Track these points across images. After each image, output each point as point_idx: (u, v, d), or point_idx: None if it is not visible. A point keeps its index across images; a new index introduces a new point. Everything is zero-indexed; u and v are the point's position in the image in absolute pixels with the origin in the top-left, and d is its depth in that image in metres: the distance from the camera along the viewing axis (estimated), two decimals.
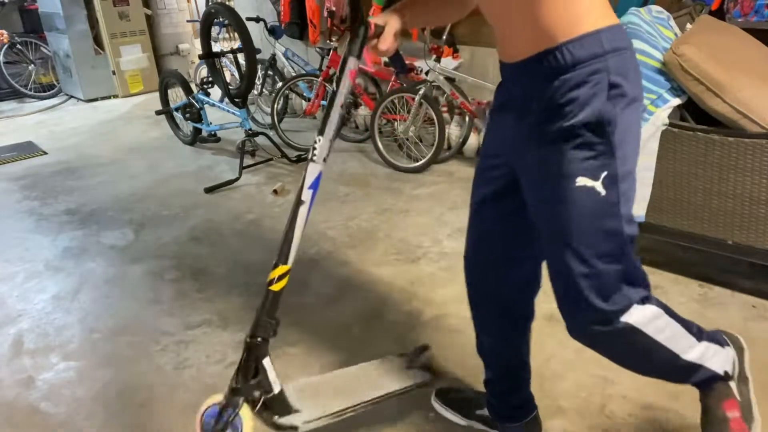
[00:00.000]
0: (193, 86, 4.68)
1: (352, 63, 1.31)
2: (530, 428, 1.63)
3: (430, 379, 1.70)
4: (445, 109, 3.93)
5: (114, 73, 6.45)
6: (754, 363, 1.90)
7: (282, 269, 1.38)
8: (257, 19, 4.63)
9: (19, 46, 6.53)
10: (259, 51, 4.05)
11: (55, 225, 3.33)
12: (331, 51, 4.17)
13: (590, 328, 1.19)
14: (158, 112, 4.74)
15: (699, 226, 2.20)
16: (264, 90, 4.97)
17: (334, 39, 4.20)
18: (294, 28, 4.92)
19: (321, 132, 1.34)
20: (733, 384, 1.34)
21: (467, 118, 3.82)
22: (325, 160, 1.35)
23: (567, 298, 1.20)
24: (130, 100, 6.41)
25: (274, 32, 4.67)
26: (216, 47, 4.22)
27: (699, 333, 1.30)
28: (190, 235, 3.10)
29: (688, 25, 2.42)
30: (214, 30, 4.93)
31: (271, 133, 4.25)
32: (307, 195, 1.37)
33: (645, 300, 1.20)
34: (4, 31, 6.32)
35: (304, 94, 4.75)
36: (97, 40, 6.41)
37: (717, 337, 1.36)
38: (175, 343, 2.21)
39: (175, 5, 6.81)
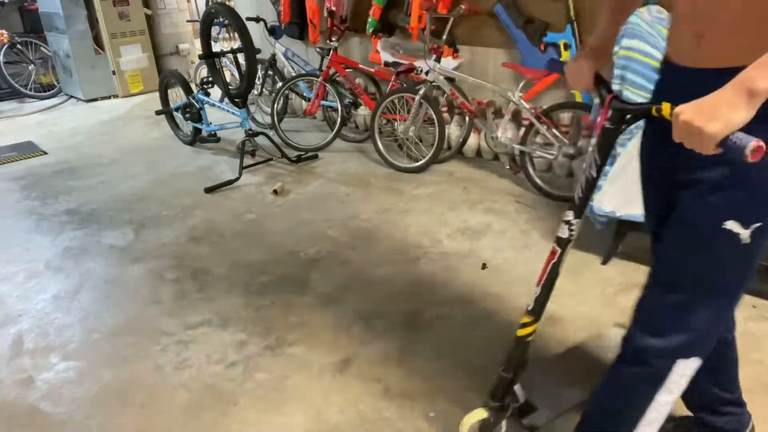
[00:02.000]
0: (193, 86, 4.68)
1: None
2: None
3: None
4: (445, 109, 3.93)
5: (114, 73, 6.45)
6: (755, 363, 1.91)
7: (533, 327, 1.47)
8: (257, 19, 4.63)
9: (19, 46, 6.52)
10: (259, 51, 4.05)
11: (55, 225, 3.33)
12: (331, 51, 4.17)
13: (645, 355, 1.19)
14: (158, 112, 4.74)
15: None
16: (264, 90, 4.97)
17: (334, 39, 4.20)
18: (294, 28, 4.92)
19: (578, 215, 1.32)
20: None
21: (467, 118, 3.82)
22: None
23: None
24: (130, 100, 6.41)
25: (274, 32, 4.67)
26: (216, 47, 4.22)
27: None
28: (190, 235, 3.10)
29: None
30: (214, 30, 4.93)
31: (271, 133, 4.25)
32: (562, 267, 1.41)
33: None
34: (4, 31, 6.31)
35: (304, 94, 4.75)
36: (97, 40, 6.41)
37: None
38: (175, 343, 2.21)
39: (175, 5, 6.81)
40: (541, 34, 3.41)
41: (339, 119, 4.24)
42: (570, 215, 1.32)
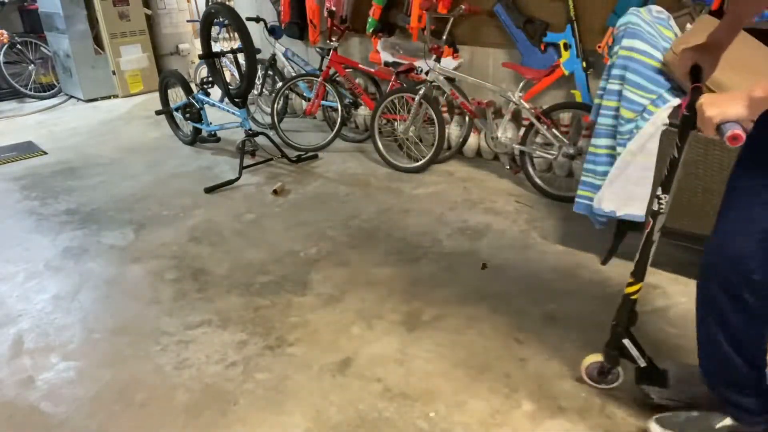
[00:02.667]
0: (193, 86, 4.68)
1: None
2: None
3: None
4: (445, 109, 3.93)
5: (114, 73, 6.45)
6: None
7: (638, 286, 1.68)
8: (257, 19, 4.63)
9: (19, 46, 6.52)
10: (259, 51, 4.04)
11: (55, 225, 3.33)
12: (331, 51, 4.17)
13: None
14: (158, 112, 4.73)
15: (699, 226, 2.20)
16: (264, 90, 4.96)
17: (334, 39, 4.20)
18: (294, 28, 4.92)
19: (666, 190, 1.55)
20: None
21: (467, 118, 3.82)
22: None
23: None
24: (130, 100, 6.41)
25: (274, 32, 4.67)
26: (216, 47, 4.21)
27: None
28: (190, 235, 3.10)
29: (688, 25, 2.42)
30: (214, 30, 4.93)
31: (271, 133, 4.25)
32: (656, 235, 1.62)
33: None
34: (4, 31, 6.31)
35: (304, 94, 4.75)
36: (97, 40, 6.41)
37: None
38: (175, 343, 2.21)
39: (175, 5, 6.80)
40: (541, 34, 3.41)
41: (339, 119, 4.24)
42: (659, 191, 1.55)
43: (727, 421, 1.50)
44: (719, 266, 1.36)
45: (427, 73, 3.65)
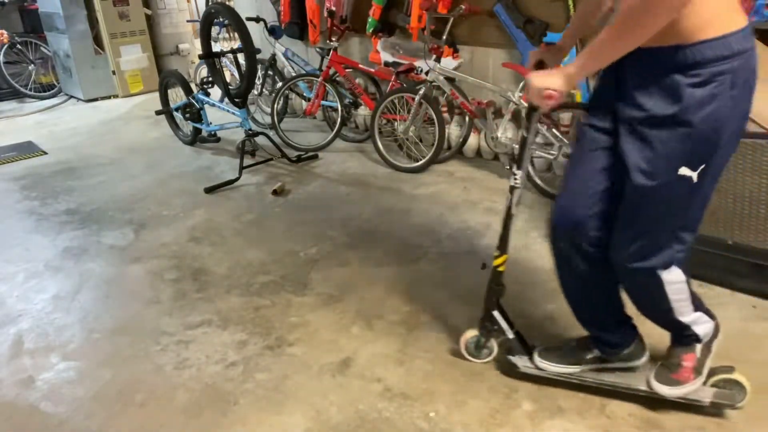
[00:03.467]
0: (193, 86, 4.68)
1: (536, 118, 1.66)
2: (637, 350, 1.78)
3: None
4: (445, 109, 3.93)
5: (114, 73, 6.45)
6: (755, 363, 1.90)
7: (503, 258, 1.83)
8: (257, 19, 4.63)
9: (19, 46, 6.52)
10: (259, 51, 4.04)
11: (55, 225, 3.33)
12: (331, 51, 4.17)
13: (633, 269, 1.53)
14: (158, 112, 4.74)
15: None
16: (264, 90, 4.97)
17: (334, 39, 4.20)
18: (294, 28, 4.92)
19: (519, 166, 1.70)
20: (699, 346, 1.69)
21: (467, 118, 3.82)
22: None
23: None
24: (130, 100, 6.41)
25: (274, 32, 4.67)
26: (216, 47, 4.22)
27: (698, 304, 1.65)
28: (190, 235, 3.10)
29: None
30: (214, 30, 4.93)
31: (271, 133, 4.25)
32: (515, 209, 1.76)
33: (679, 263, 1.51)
34: (4, 31, 6.31)
35: (304, 94, 4.75)
36: (97, 40, 6.41)
37: (708, 312, 1.70)
38: (175, 343, 2.21)
39: (175, 5, 6.80)
40: (541, 34, 3.41)
41: (339, 119, 4.24)
42: (514, 168, 1.72)
43: (596, 352, 1.80)
44: (565, 229, 1.61)
45: (427, 73, 3.65)
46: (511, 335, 1.87)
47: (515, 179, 1.71)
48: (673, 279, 1.52)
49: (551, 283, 2.45)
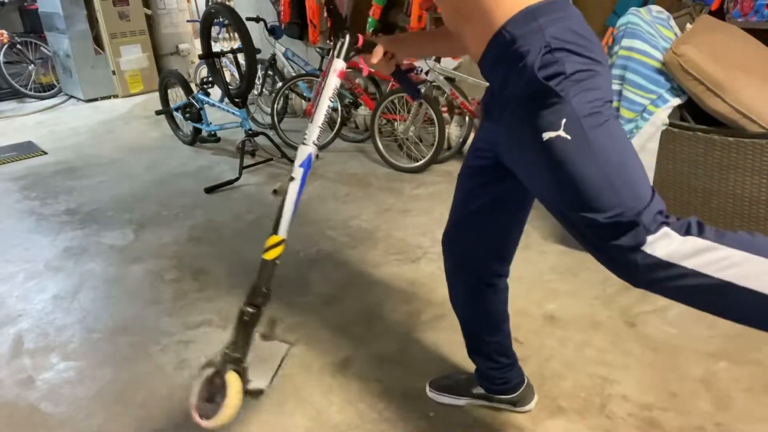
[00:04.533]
0: (193, 86, 4.68)
1: (339, 64, 1.50)
2: (525, 395, 1.75)
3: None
4: (445, 109, 3.93)
5: (114, 73, 6.45)
6: (755, 363, 1.90)
7: (274, 239, 1.53)
8: (257, 19, 4.63)
9: (19, 46, 6.52)
10: (259, 51, 4.05)
11: (55, 225, 3.33)
12: (332, 51, 4.16)
13: (619, 259, 1.18)
14: (158, 112, 4.74)
15: None
16: (264, 90, 4.97)
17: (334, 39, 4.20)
18: (294, 28, 4.92)
19: (311, 120, 1.52)
20: None
21: (467, 118, 3.82)
22: (314, 144, 1.53)
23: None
24: (130, 100, 6.41)
25: (274, 32, 4.67)
26: (216, 47, 4.22)
27: None
28: (190, 235, 3.10)
29: (688, 25, 2.42)
30: (214, 30, 4.93)
31: (271, 133, 4.25)
32: (297, 173, 1.52)
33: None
34: (4, 31, 6.32)
35: (304, 94, 4.75)
36: (97, 40, 6.41)
37: None
38: (175, 343, 2.21)
39: (175, 5, 6.80)
40: None
41: (339, 119, 4.24)
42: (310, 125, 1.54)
43: (480, 389, 1.76)
44: (469, 266, 1.59)
45: (427, 73, 3.65)
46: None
47: (305, 135, 1.57)
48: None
49: (552, 283, 2.45)
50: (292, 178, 1.51)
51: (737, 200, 2.08)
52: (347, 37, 1.50)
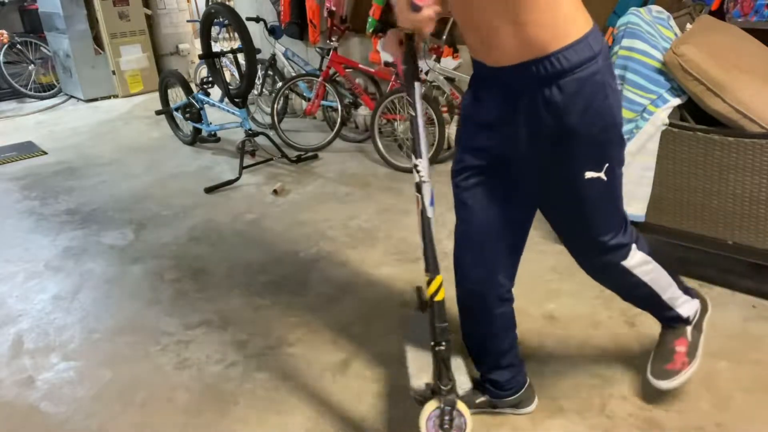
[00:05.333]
0: (193, 86, 4.68)
1: (419, 88, 1.48)
2: (527, 396, 1.75)
3: None
4: (445, 109, 3.93)
5: (114, 73, 6.45)
6: (755, 363, 1.90)
7: (438, 280, 1.52)
8: (257, 19, 4.63)
9: (19, 46, 6.52)
10: (259, 51, 4.05)
11: (55, 225, 3.33)
12: (331, 51, 4.16)
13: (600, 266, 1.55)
14: (158, 112, 4.74)
15: (699, 226, 2.20)
16: (264, 90, 4.96)
17: (334, 39, 4.20)
18: (294, 28, 4.92)
19: (418, 155, 1.41)
20: (689, 328, 1.71)
21: None
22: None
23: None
24: (130, 100, 6.41)
25: (274, 32, 4.67)
26: (216, 47, 4.22)
27: (679, 282, 1.65)
28: (190, 235, 3.10)
29: (688, 25, 2.42)
30: (214, 30, 4.93)
31: (271, 133, 4.25)
32: (431, 211, 1.48)
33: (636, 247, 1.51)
34: (4, 31, 6.32)
35: (304, 94, 4.75)
36: (97, 40, 6.41)
37: (690, 291, 1.72)
38: (175, 343, 2.21)
39: (175, 5, 6.80)
40: None
41: (339, 119, 4.24)
42: (413, 158, 1.42)
43: (485, 397, 1.74)
44: (478, 291, 1.61)
45: (427, 73, 3.65)
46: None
47: (419, 172, 1.41)
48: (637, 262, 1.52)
49: (552, 283, 2.45)
50: (428, 219, 1.51)
51: (737, 200, 2.08)
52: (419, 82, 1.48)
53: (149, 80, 6.56)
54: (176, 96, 4.64)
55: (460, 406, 1.46)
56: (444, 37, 3.62)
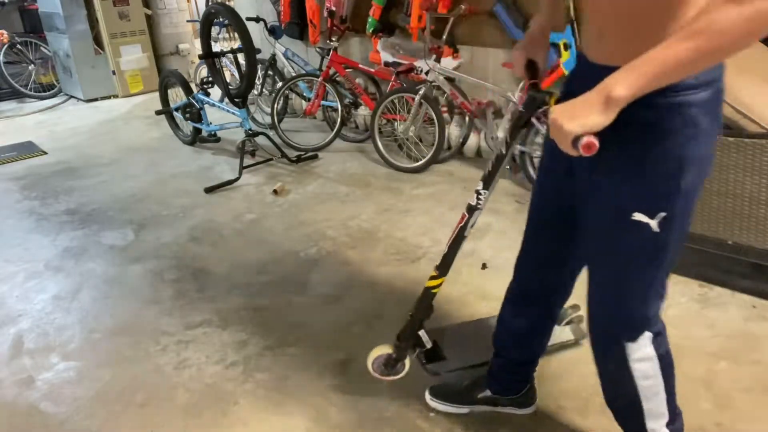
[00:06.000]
0: (193, 86, 4.68)
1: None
2: (530, 395, 1.75)
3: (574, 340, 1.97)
4: (445, 109, 3.93)
5: (114, 73, 6.45)
6: (755, 363, 1.90)
7: (441, 281, 1.68)
8: (257, 19, 4.63)
9: (19, 46, 6.52)
10: (259, 51, 4.04)
11: (55, 225, 3.33)
12: (331, 51, 4.16)
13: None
14: (158, 112, 4.74)
15: (699, 226, 2.20)
16: (264, 90, 4.96)
17: (334, 39, 4.20)
18: (294, 28, 4.92)
19: (487, 186, 1.47)
20: None
21: (467, 118, 3.81)
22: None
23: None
24: (130, 100, 6.41)
25: (274, 32, 4.67)
26: (216, 47, 4.21)
27: (674, 414, 1.40)
28: (190, 235, 3.10)
29: None
30: (214, 30, 4.93)
31: (271, 133, 4.25)
32: (468, 231, 1.60)
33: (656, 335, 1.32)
34: (4, 31, 6.32)
35: (304, 94, 4.75)
36: (97, 40, 6.41)
37: (677, 418, 1.43)
38: (175, 343, 2.21)
39: (175, 5, 6.80)
40: None
41: (339, 119, 4.24)
42: (480, 186, 1.48)
43: (487, 392, 1.73)
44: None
45: (427, 73, 3.65)
46: (429, 345, 1.77)
47: (479, 199, 1.49)
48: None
49: None
50: (464, 237, 1.62)
51: (737, 200, 2.08)
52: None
53: (149, 80, 6.56)
54: (176, 96, 4.64)
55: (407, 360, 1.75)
56: (444, 37, 3.62)
